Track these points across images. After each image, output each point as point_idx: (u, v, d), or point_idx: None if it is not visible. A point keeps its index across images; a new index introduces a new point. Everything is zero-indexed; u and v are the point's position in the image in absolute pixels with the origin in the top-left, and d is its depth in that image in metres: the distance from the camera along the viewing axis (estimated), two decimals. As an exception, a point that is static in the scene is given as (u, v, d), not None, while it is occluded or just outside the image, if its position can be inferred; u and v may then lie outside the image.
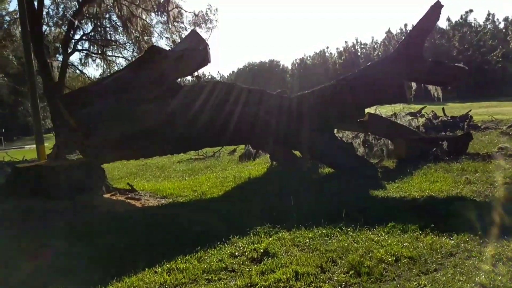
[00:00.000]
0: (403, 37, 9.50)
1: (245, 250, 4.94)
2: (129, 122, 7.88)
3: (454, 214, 5.68)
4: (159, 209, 7.46)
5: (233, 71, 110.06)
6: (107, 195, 8.11)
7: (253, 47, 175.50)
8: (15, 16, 25.54)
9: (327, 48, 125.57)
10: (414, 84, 10.93)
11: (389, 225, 5.27)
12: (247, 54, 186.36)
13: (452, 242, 4.67)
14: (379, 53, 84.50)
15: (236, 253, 4.88)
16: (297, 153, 10.90)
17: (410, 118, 15.28)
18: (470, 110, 19.61)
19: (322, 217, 5.93)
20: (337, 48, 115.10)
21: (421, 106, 18.34)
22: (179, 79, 9.75)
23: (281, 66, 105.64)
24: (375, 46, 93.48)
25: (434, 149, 10.01)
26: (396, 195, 7.06)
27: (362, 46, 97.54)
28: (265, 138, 9.27)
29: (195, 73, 9.28)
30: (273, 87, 10.91)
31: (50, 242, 5.80)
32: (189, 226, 6.09)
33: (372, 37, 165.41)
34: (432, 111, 20.11)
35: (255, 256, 4.74)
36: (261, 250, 4.83)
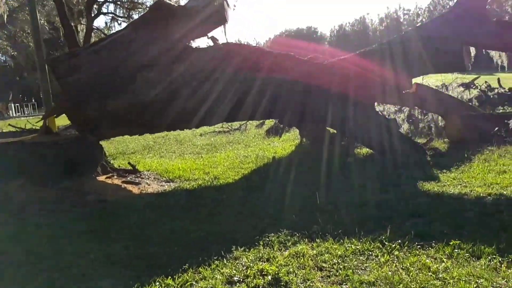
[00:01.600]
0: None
1: (248, 272, 3.58)
2: (126, 93, 6.59)
3: (542, 227, 4.12)
4: (157, 198, 6.18)
5: (269, 38, 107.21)
6: (102, 178, 6.91)
7: (290, 14, 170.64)
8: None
9: (368, 14, 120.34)
10: (473, 50, 9.10)
11: (451, 243, 3.77)
12: (284, 20, 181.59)
13: (552, 281, 3.15)
14: (423, 19, 79.78)
15: (235, 278, 3.53)
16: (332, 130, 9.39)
17: (462, 90, 13.33)
18: (530, 81, 17.34)
19: (357, 223, 4.50)
20: (378, 14, 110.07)
21: (474, 76, 16.23)
22: (191, 41, 8.28)
23: (319, 33, 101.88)
24: (419, 12, 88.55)
25: (497, 128, 8.27)
26: (454, 191, 5.49)
27: (405, 12, 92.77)
28: (291, 112, 7.79)
29: (209, 34, 7.62)
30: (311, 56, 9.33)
31: None
32: (182, 231, 4.75)
33: (416, 2, 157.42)
34: (486, 81, 17.88)
35: (260, 285, 3.38)
36: (270, 277, 3.46)
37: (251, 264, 3.73)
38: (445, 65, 7.78)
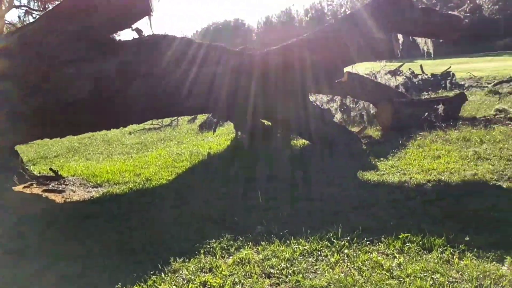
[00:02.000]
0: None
1: (190, 287, 3.23)
2: (40, 91, 5.91)
3: (484, 212, 4.11)
4: (83, 207, 5.60)
5: (197, 31, 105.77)
6: (19, 188, 6.18)
7: (217, 6, 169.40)
8: None
9: (293, 5, 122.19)
10: (401, 37, 9.23)
11: (401, 236, 3.64)
12: (210, 12, 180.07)
13: (504, 269, 3.08)
14: (346, 10, 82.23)
15: (176, 295, 3.17)
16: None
17: (389, 77, 13.66)
18: (450, 67, 18.20)
19: (302, 221, 4.28)
20: (304, 6, 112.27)
21: (398, 64, 16.77)
22: (114, 35, 7.66)
23: (246, 25, 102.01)
24: (342, 3, 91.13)
25: (426, 113, 8.45)
26: (394, 179, 5.45)
27: (329, 3, 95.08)
28: (223, 105, 7.44)
29: (134, 26, 7.05)
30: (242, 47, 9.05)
31: None
32: (111, 243, 4.25)
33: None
34: (410, 68, 18.59)
35: (205, 302, 3.04)
36: (214, 290, 3.14)
37: (193, 277, 3.37)
38: (375, 53, 7.79)
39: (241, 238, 4.00)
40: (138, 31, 7.46)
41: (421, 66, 18.93)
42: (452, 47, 59.18)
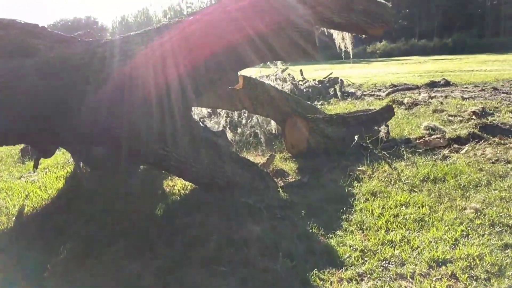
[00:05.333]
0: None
1: None
2: None
3: None
4: None
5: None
6: None
7: (67, 2, 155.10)
8: None
9: (151, 6, 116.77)
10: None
11: None
12: (61, 8, 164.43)
13: None
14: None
15: None
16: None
17: (280, 83, 11.25)
18: (332, 73, 16.64)
19: None
20: (161, 7, 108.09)
21: (283, 67, 14.60)
22: None
23: (99, 24, 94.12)
24: (201, 6, 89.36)
25: (357, 136, 6.01)
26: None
27: (188, 5, 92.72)
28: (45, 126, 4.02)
29: None
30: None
31: None
32: None
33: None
34: (289, 74, 16.55)
35: None
36: None
37: None
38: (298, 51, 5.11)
39: None
40: None
41: (301, 71, 17.08)
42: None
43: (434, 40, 53.27)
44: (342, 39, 6.89)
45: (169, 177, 5.46)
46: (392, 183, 4.73)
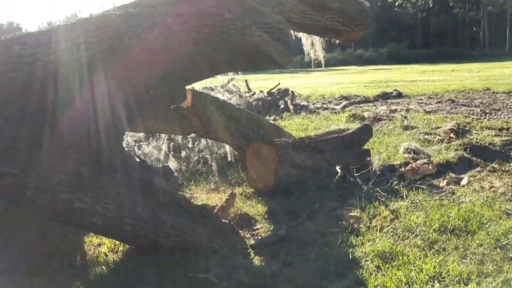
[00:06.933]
0: None
1: None
2: None
3: None
4: None
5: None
6: None
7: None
8: None
9: (80, 12, 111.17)
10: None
11: None
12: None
13: None
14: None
15: None
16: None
17: (229, 96, 9.89)
18: (279, 83, 15.54)
19: None
20: (91, 13, 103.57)
21: (228, 78, 13.28)
22: None
23: (23, 30, 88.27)
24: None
25: (340, 166, 4.78)
26: None
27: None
28: None
29: None
30: None
31: None
32: None
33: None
34: (234, 85, 15.24)
35: None
36: None
37: None
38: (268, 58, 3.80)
39: None
40: None
41: (246, 81, 15.78)
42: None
43: (369, 50, 54.20)
44: (312, 46, 5.68)
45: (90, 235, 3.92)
46: (401, 237, 3.51)
